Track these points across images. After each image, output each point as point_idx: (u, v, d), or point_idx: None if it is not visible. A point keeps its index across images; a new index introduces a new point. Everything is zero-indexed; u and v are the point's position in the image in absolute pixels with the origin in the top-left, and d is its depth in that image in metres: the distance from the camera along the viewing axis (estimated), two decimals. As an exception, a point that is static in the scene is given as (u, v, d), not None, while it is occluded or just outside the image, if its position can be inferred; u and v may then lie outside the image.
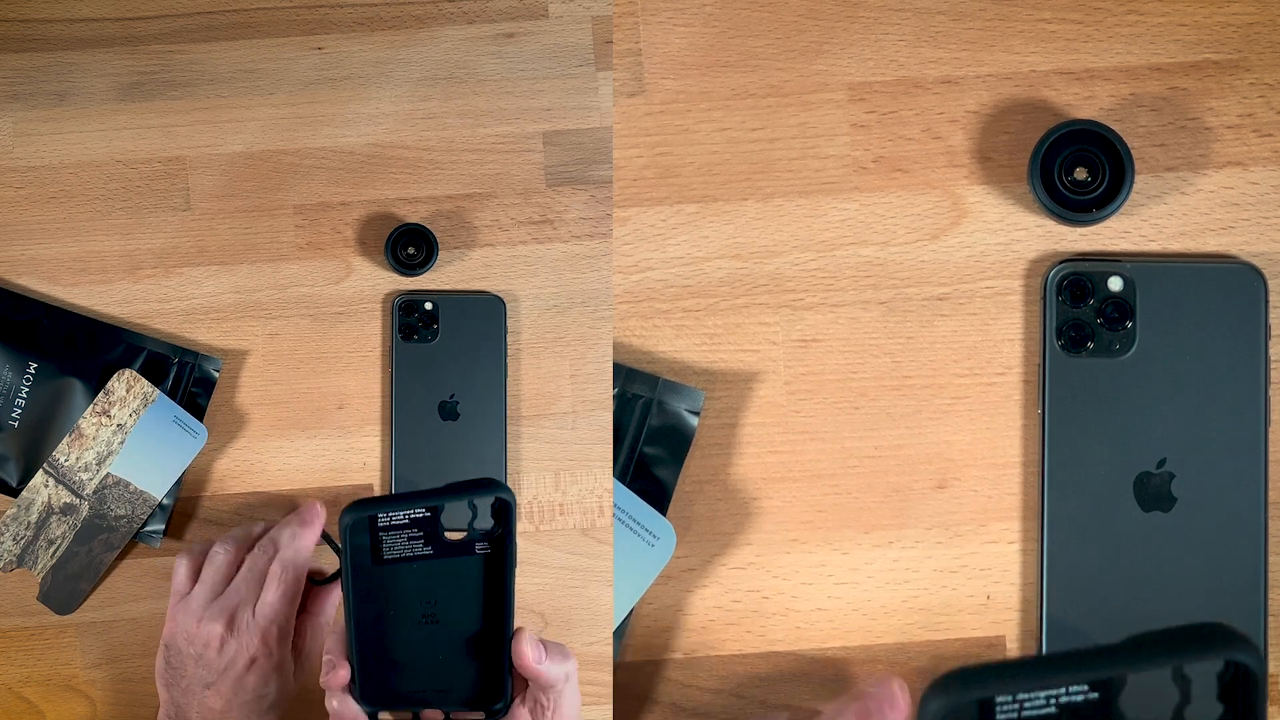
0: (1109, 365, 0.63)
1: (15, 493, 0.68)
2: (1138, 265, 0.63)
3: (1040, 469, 0.63)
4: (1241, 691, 0.33)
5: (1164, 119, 0.65)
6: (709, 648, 0.65)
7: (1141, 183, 0.64)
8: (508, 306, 0.71)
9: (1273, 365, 0.63)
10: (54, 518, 0.68)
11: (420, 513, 0.51)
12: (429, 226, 0.70)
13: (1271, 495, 0.62)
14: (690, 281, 0.66)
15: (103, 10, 0.71)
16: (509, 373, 0.71)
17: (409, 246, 0.70)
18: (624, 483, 0.64)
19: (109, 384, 0.68)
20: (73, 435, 0.68)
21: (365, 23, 0.71)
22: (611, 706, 0.66)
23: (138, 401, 0.68)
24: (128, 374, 0.68)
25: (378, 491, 0.71)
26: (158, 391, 0.68)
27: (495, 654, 0.53)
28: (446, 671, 0.54)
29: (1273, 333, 0.63)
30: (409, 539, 0.51)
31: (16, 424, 0.69)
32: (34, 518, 0.68)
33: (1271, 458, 0.62)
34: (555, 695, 0.54)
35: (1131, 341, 0.63)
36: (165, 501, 0.69)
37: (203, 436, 0.69)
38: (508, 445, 0.71)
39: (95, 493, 0.68)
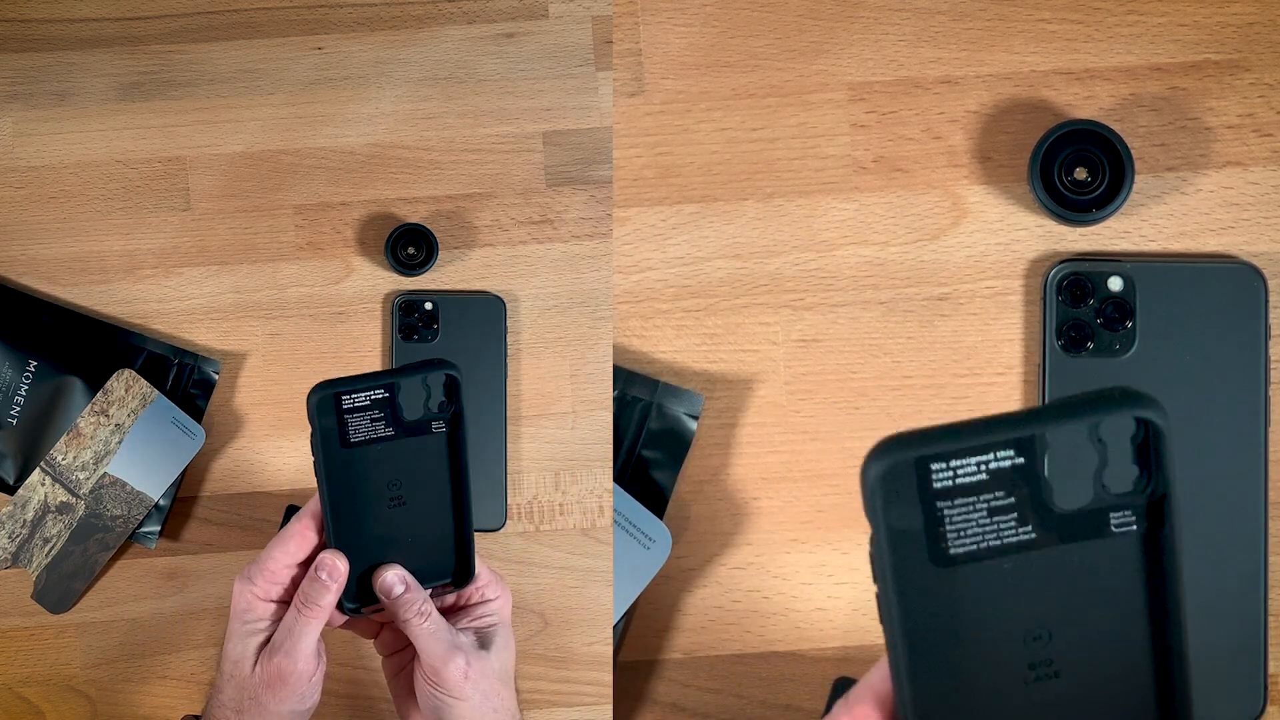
0: (1109, 365, 0.63)
1: (12, 490, 0.68)
2: (1138, 265, 0.63)
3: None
4: (1152, 449, 0.35)
5: (1164, 119, 0.65)
6: (709, 648, 0.65)
7: (1141, 183, 0.64)
8: (508, 306, 0.71)
9: (1273, 365, 0.63)
10: (50, 516, 0.68)
11: (379, 394, 0.53)
12: (429, 226, 0.70)
13: (1271, 495, 0.62)
14: (690, 281, 0.66)
15: (103, 10, 0.71)
16: (509, 373, 0.71)
17: (409, 246, 0.70)
18: (622, 486, 0.64)
19: (108, 384, 0.68)
20: (70, 434, 0.68)
21: (365, 23, 0.71)
22: (611, 706, 0.66)
23: (136, 401, 0.68)
24: (127, 374, 0.68)
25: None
26: (156, 392, 0.68)
27: (460, 530, 0.57)
28: (417, 553, 0.56)
29: (1273, 333, 0.63)
30: (371, 421, 0.54)
31: (15, 421, 0.69)
32: (30, 516, 0.68)
33: (1271, 458, 0.62)
34: (494, 628, 0.56)
35: (1131, 341, 0.63)
36: (162, 502, 0.69)
37: (200, 438, 0.69)
38: (508, 445, 0.71)
39: (92, 492, 0.68)
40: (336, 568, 0.54)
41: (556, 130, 0.71)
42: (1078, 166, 0.63)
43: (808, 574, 0.65)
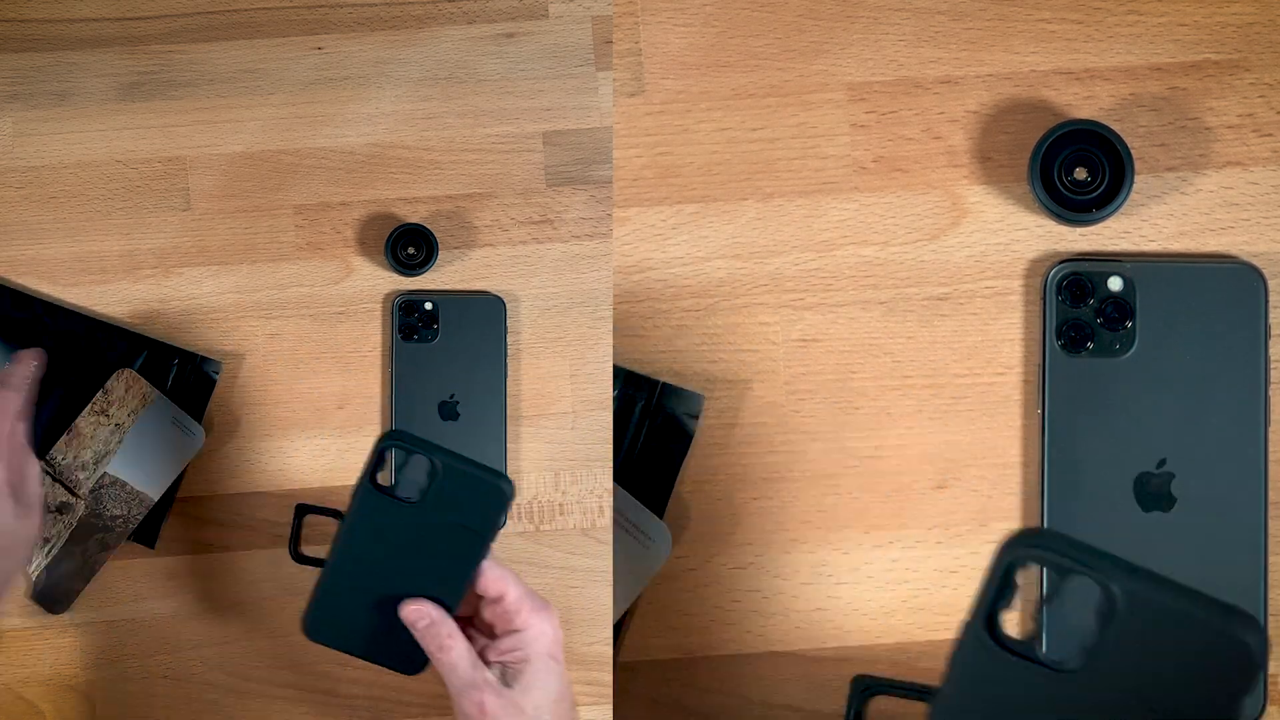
0: (1109, 365, 0.63)
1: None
2: (1138, 265, 0.63)
3: (1040, 469, 0.63)
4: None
5: (1164, 119, 0.65)
6: (709, 648, 0.65)
7: (1141, 183, 0.64)
8: (508, 306, 0.71)
9: (1273, 365, 0.63)
10: (50, 516, 0.68)
11: (437, 463, 0.55)
12: (429, 226, 0.70)
13: (1271, 495, 0.62)
14: (690, 281, 0.66)
15: (103, 10, 0.71)
16: (509, 373, 0.71)
17: (409, 246, 0.70)
18: (622, 486, 0.64)
19: (108, 383, 0.68)
20: (70, 434, 0.68)
21: (365, 23, 0.71)
22: (611, 706, 0.66)
23: (136, 401, 0.68)
24: (127, 374, 0.68)
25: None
26: (156, 391, 0.68)
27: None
28: (389, 631, 0.56)
29: (1273, 333, 0.63)
30: (412, 481, 0.55)
31: (16, 423, 0.69)
32: None
33: (1271, 458, 0.62)
34: (524, 663, 0.55)
35: (1131, 341, 0.63)
36: (162, 502, 0.69)
37: (200, 437, 0.69)
38: (508, 445, 0.71)
39: (92, 492, 0.68)
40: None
41: (556, 130, 0.71)
42: (1078, 166, 0.63)
43: (808, 574, 0.65)
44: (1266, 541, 0.62)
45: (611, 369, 0.66)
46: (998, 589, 0.38)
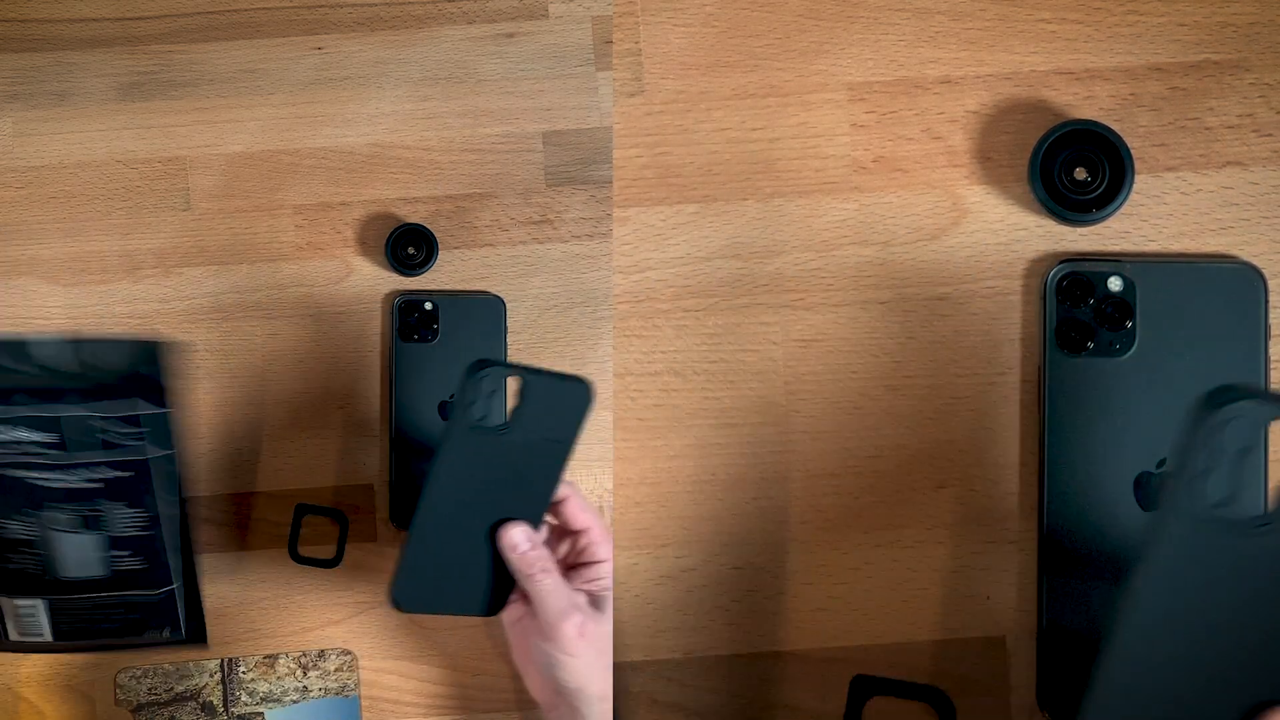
0: (1109, 365, 0.63)
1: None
2: (1138, 265, 0.63)
3: (1040, 469, 0.63)
4: None
5: (1164, 119, 0.65)
6: (709, 648, 0.65)
7: (1141, 183, 0.64)
8: (508, 306, 0.71)
9: (1273, 365, 0.63)
10: (191, 705, 0.67)
11: (525, 380, 0.56)
12: (429, 226, 0.70)
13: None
14: (690, 281, 0.66)
15: (103, 10, 0.71)
16: (509, 373, 0.71)
17: (409, 246, 0.70)
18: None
19: (325, 651, 0.68)
20: (266, 659, 0.67)
21: (365, 23, 0.71)
22: (611, 706, 0.66)
23: (335, 684, 0.68)
24: (346, 658, 0.68)
25: (379, 493, 0.71)
26: (356, 692, 0.68)
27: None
28: (469, 575, 0.58)
29: (1273, 333, 0.63)
30: (495, 406, 0.56)
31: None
32: (181, 689, 0.67)
33: (1272, 457, 0.62)
34: (609, 592, 0.58)
35: (1131, 341, 0.63)
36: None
37: None
38: (507, 445, 0.71)
39: (239, 716, 0.67)
40: None
41: (556, 130, 0.71)
42: (1078, 166, 0.63)
43: (808, 574, 0.65)
44: (1266, 541, 0.62)
45: (612, 369, 0.66)
46: (1205, 457, 0.37)
